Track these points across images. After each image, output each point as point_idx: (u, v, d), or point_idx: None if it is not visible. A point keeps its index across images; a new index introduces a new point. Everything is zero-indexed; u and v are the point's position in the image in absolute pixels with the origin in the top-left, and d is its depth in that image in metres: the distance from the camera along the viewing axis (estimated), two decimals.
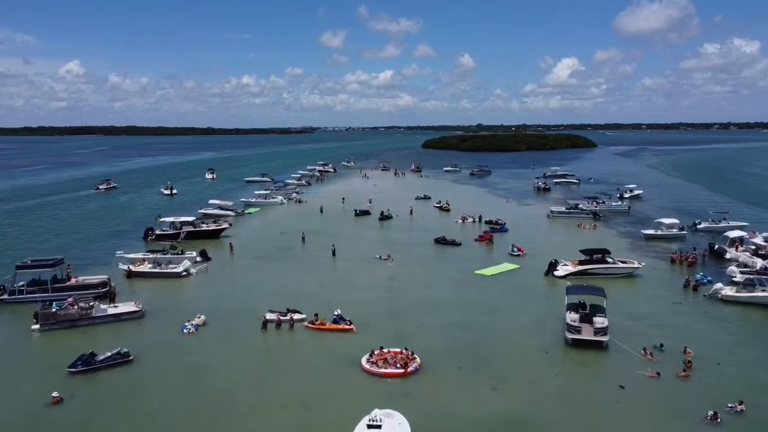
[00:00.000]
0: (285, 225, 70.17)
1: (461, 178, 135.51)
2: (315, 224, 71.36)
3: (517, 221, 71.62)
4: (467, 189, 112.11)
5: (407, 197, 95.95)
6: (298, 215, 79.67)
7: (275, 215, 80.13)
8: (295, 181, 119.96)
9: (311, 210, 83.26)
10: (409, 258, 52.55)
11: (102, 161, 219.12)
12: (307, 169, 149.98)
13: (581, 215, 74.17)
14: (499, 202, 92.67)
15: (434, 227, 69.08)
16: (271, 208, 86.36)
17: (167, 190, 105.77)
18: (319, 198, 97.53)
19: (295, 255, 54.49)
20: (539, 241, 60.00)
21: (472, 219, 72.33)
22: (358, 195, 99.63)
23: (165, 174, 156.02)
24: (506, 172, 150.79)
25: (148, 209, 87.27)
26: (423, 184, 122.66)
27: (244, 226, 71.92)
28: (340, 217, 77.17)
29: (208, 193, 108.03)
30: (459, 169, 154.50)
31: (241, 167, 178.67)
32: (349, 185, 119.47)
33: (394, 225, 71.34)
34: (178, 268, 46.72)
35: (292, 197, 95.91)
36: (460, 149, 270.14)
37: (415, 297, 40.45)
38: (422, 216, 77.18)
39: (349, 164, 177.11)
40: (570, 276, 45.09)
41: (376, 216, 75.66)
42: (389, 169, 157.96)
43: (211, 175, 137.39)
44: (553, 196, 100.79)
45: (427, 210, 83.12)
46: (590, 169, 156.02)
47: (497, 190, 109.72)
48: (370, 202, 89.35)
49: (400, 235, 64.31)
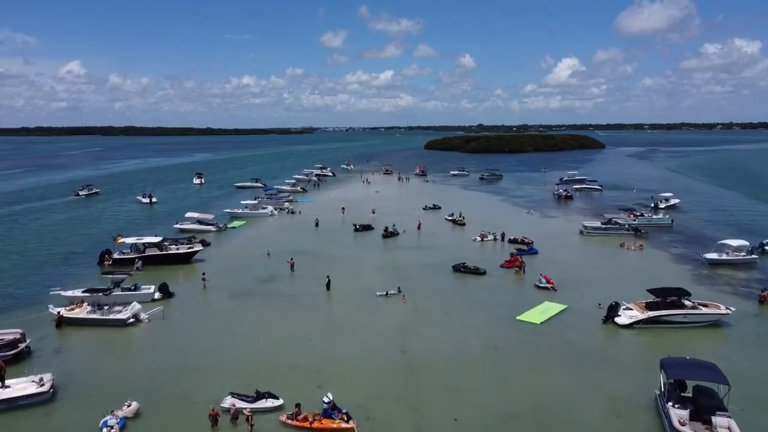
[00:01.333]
0: (273, 243, 59.39)
1: (471, 184, 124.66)
2: (308, 243, 60.56)
3: (544, 239, 60.77)
4: (479, 197, 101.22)
5: (414, 207, 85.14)
6: (289, 230, 68.86)
7: (263, 230, 69.29)
8: (288, 187, 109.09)
9: (305, 223, 72.44)
10: (423, 293, 41.74)
11: (90, 163, 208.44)
12: (303, 172, 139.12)
13: (621, 232, 63.26)
14: (518, 213, 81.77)
15: (448, 246, 58.32)
16: (260, 221, 75.50)
17: (145, 199, 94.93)
18: (315, 207, 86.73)
19: (281, 289, 43.60)
20: (578, 268, 49.12)
21: (493, 236, 61.44)
22: (358, 204, 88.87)
23: (153, 177, 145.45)
24: (518, 177, 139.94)
25: (119, 222, 76.50)
26: (429, 190, 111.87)
27: (225, 245, 61.08)
28: (337, 233, 66.35)
29: (192, 201, 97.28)
30: (467, 173, 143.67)
31: (234, 170, 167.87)
32: (348, 192, 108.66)
33: (400, 244, 60.49)
34: (125, 313, 35.90)
35: (284, 207, 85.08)
36: (465, 150, 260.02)
37: (440, 364, 29.44)
38: (433, 232, 66.33)
39: (349, 167, 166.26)
40: (638, 325, 34.31)
41: (379, 231, 64.90)
42: (392, 173, 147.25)
43: (199, 180, 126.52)
44: (576, 205, 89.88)
45: (437, 224, 72.30)
46: (606, 173, 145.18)
47: (513, 197, 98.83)
48: (373, 213, 78.72)
49: (410, 258, 53.49)
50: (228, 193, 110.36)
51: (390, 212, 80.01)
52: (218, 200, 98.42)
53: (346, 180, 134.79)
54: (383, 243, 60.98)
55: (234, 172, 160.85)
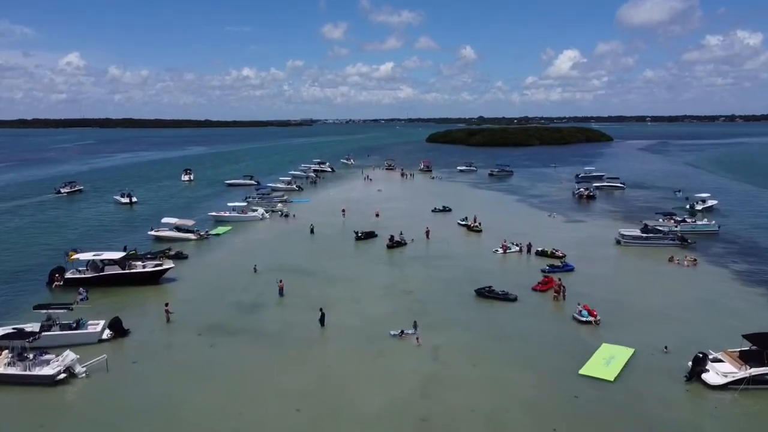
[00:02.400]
0: (262, 255, 50.84)
1: (480, 181, 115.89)
2: (301, 255, 51.93)
3: (574, 249, 52.18)
4: (492, 197, 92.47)
5: (421, 209, 76.53)
6: (281, 238, 60.20)
7: (251, 238, 60.60)
8: (283, 185, 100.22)
9: (299, 229, 63.79)
10: (442, 329, 33.20)
11: (80, 157, 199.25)
12: (300, 168, 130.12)
13: (665, 242, 54.56)
14: (539, 216, 73.10)
15: (465, 259, 49.78)
16: (248, 227, 66.81)
17: (124, 199, 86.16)
18: (312, 209, 78.13)
19: (264, 325, 34.94)
20: (626, 293, 40.46)
21: (518, 247, 52.75)
22: (360, 204, 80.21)
23: (140, 173, 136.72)
24: (528, 173, 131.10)
25: (89, 227, 67.84)
26: (436, 188, 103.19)
27: (205, 257, 52.43)
28: (336, 242, 57.68)
29: (176, 202, 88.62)
30: (475, 169, 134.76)
31: (227, 165, 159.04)
32: (348, 191, 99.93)
33: (409, 255, 51.87)
34: (54, 365, 27.30)
35: (276, 209, 76.36)
36: (469, 144, 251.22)
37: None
38: (446, 240, 57.66)
39: (349, 162, 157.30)
40: (737, 387, 25.74)
41: (383, 239, 56.30)
42: (394, 168, 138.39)
43: (188, 177, 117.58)
44: (601, 206, 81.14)
45: (449, 229, 63.67)
46: (622, 168, 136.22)
47: (529, 197, 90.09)
48: (377, 216, 70.28)
49: (421, 276, 44.91)
50: (217, 191, 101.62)
51: (394, 215, 71.43)
52: (206, 200, 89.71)
53: (345, 176, 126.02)
54: (389, 255, 52.37)
55: (227, 167, 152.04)
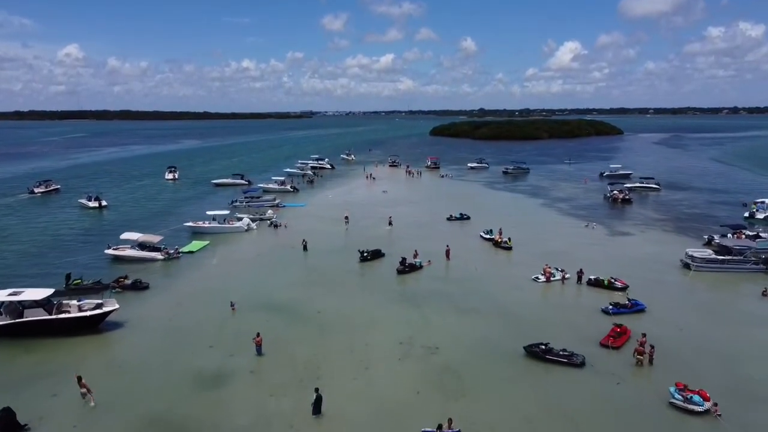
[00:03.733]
0: (240, 285, 40.20)
1: (494, 179, 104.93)
2: (292, 284, 41.15)
3: (631, 275, 41.49)
4: (513, 200, 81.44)
5: (433, 215, 65.75)
6: (268, 258, 49.34)
7: (231, 258, 49.72)
8: (276, 185, 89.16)
9: (291, 244, 52.98)
10: (487, 416, 22.51)
11: (65, 152, 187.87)
12: (296, 165, 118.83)
13: (747, 266, 43.68)
14: (573, 226, 62.21)
15: (500, 291, 39.03)
16: (230, 240, 55.98)
17: (92, 202, 75.26)
18: (308, 215, 67.37)
19: (229, 419, 24.22)
20: (737, 356, 29.68)
21: (561, 274, 41.93)
22: (364, 209, 69.38)
23: (123, 169, 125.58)
24: (544, 170, 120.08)
25: (37, 242, 56.87)
26: (447, 188, 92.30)
27: (168, 289, 41.50)
28: (334, 263, 46.85)
29: (153, 206, 77.66)
30: (487, 165, 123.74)
31: (219, 161, 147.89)
32: (350, 192, 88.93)
33: (427, 288, 40.97)
34: None
35: (266, 216, 65.49)
36: (474, 137, 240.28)
37: None
38: (470, 262, 46.85)
39: (350, 158, 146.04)
40: None
41: (392, 261, 45.60)
42: (399, 165, 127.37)
43: (172, 176, 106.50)
44: (641, 212, 70.23)
45: (471, 244, 52.89)
46: (645, 165, 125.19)
47: (555, 201, 79.09)
48: (390, 225, 59.89)
49: (448, 323, 34.10)
50: (203, 193, 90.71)
51: (403, 224, 60.67)
52: (188, 204, 78.82)
53: (346, 174, 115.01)
54: (401, 284, 41.61)
55: (218, 163, 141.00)
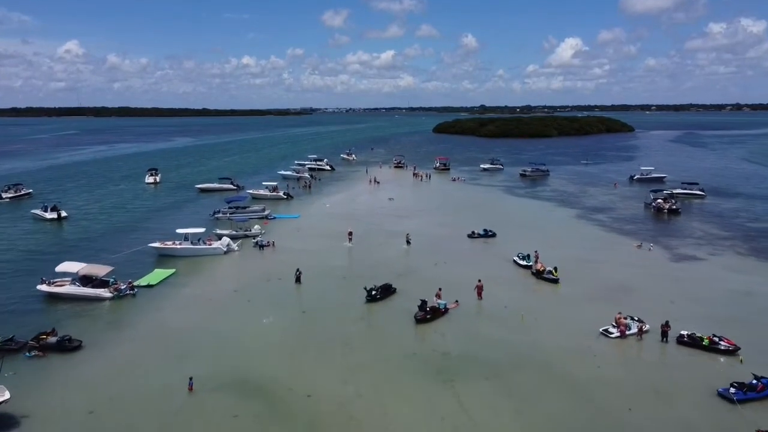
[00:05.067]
0: (203, 346, 29.52)
1: (512, 183, 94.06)
2: (274, 344, 30.29)
3: (730, 327, 30.79)
4: (541, 211, 70.27)
5: (450, 229, 54.94)
6: (247, 296, 38.22)
7: (199, 296, 38.64)
8: (267, 192, 78.21)
9: (279, 272, 42.12)
10: None
11: (46, 151, 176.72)
12: (292, 167, 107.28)
13: None
14: (621, 246, 51.15)
15: (561, 355, 28.14)
16: (203, 267, 45.04)
17: (49, 213, 64.30)
18: (303, 229, 56.60)
19: None
20: None
21: (638, 325, 30.90)
22: (369, 222, 58.53)
23: (104, 170, 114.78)
24: (564, 172, 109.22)
25: None
26: (462, 195, 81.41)
27: (106, 349, 30.49)
28: (333, 306, 35.92)
29: (122, 217, 66.63)
30: (501, 167, 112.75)
31: (209, 161, 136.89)
32: (351, 199, 77.86)
33: (455, 345, 29.98)
34: None
35: (252, 233, 54.50)
36: (480, 135, 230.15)
37: None
38: (509, 302, 35.98)
39: (350, 158, 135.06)
40: None
41: (405, 298, 34.85)
42: (404, 166, 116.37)
43: (152, 179, 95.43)
44: (698, 228, 59.23)
45: (505, 274, 41.99)
46: (672, 165, 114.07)
47: (590, 212, 67.99)
48: (408, 244, 49.58)
49: (501, 423, 23.34)
50: (184, 199, 79.79)
51: (416, 242, 49.82)
52: (164, 215, 67.97)
53: (346, 177, 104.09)
54: (422, 340, 30.73)
55: (209, 164, 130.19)
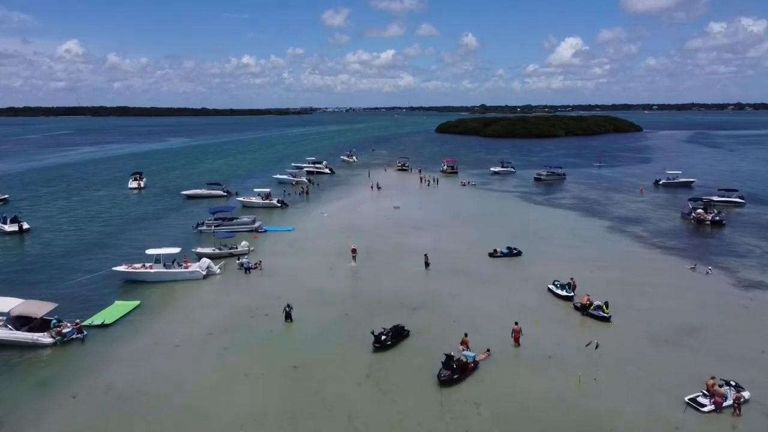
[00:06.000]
0: (163, 415, 21.83)
1: (527, 188, 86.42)
2: (253, 422, 22.58)
3: None
4: (566, 221, 62.34)
5: (469, 246, 47.25)
6: (223, 342, 30.34)
7: (165, 339, 30.78)
8: (259, 199, 70.54)
9: (267, 306, 34.50)
10: None
11: (34, 152, 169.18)
12: (288, 171, 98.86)
13: None
14: (674, 269, 43.47)
15: None
16: (175, 297, 37.32)
17: (9, 225, 56.27)
18: (297, 245, 48.94)
19: None
20: None
21: (734, 393, 23.26)
22: (372, 236, 50.78)
23: (87, 173, 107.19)
24: (581, 175, 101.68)
25: None
26: (474, 203, 73.76)
27: (22, 425, 22.87)
28: (333, 357, 28.27)
29: (94, 230, 58.90)
30: (513, 170, 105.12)
31: (202, 163, 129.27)
32: (352, 208, 69.99)
33: (492, 422, 22.51)
34: None
35: (238, 251, 46.86)
36: (484, 135, 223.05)
37: None
38: (554, 351, 28.33)
39: (351, 160, 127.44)
40: None
41: (421, 345, 27.30)
42: (408, 169, 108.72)
43: (136, 184, 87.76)
44: (751, 243, 51.52)
45: (540, 307, 34.33)
46: (695, 168, 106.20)
47: (621, 223, 60.19)
48: (427, 265, 41.83)
49: None
50: (168, 208, 72.11)
51: (431, 260, 42.11)
52: (142, 227, 60.32)
53: (347, 181, 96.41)
54: (449, 415, 23.05)
55: (202, 166, 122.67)
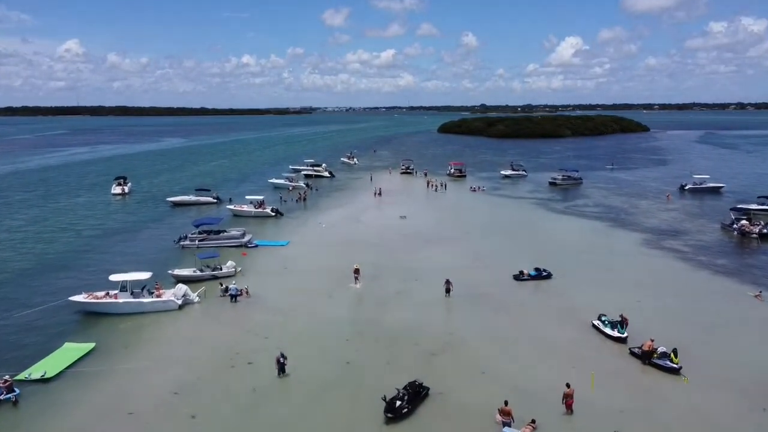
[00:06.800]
0: None
1: (543, 194, 79.93)
2: None
3: None
4: (594, 234, 55.44)
5: (488, 266, 40.47)
6: (192, 403, 23.53)
7: (117, 401, 23.93)
8: (252, 208, 63.84)
9: (251, 350, 27.96)
10: None
11: (21, 152, 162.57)
12: (285, 175, 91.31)
13: None
14: (734, 297, 36.85)
15: None
16: (138, 337, 30.55)
17: None
18: (290, 265, 42.32)
19: None
20: None
21: None
22: (377, 252, 44.14)
23: (71, 177, 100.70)
24: (594, 178, 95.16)
25: None
26: (488, 211, 67.10)
27: None
28: (333, 425, 21.88)
29: (59, 248, 52.32)
30: (525, 173, 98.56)
31: (194, 166, 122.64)
32: (354, 218, 63.15)
33: None
34: None
35: (223, 272, 40.24)
36: (488, 135, 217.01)
37: None
38: (615, 421, 21.75)
39: (352, 162, 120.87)
40: None
41: (446, 407, 20.76)
42: (413, 172, 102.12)
43: (120, 189, 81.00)
44: None
45: (589, 353, 27.70)
46: (719, 172, 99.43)
47: (659, 236, 53.52)
48: (448, 292, 35.92)
49: None
50: (152, 217, 65.45)
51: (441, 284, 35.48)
52: (118, 241, 53.70)
53: (347, 185, 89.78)
54: None
55: (194, 168, 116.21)
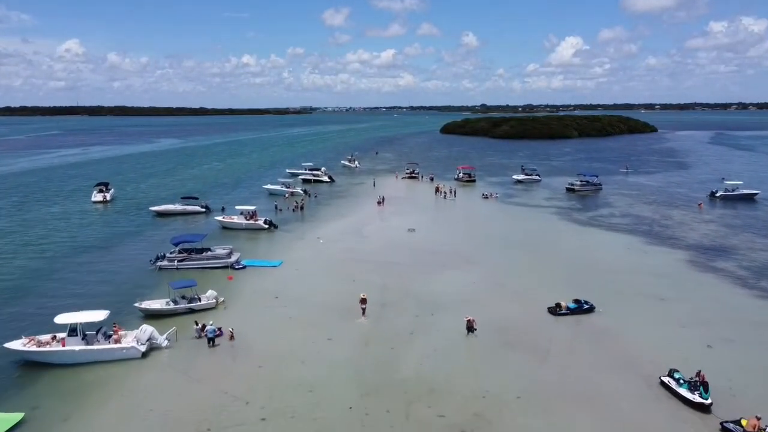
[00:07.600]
0: None
1: (561, 201, 73.45)
2: None
3: None
4: (629, 252, 48.73)
5: (516, 294, 33.90)
6: None
7: None
8: (243, 219, 57.29)
9: (233, 420, 21.50)
10: None
11: (8, 155, 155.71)
12: (280, 180, 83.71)
13: None
14: None
15: None
16: (84, 401, 23.85)
17: None
18: (282, 292, 35.77)
19: None
20: None
21: None
22: (384, 274, 37.61)
23: (54, 181, 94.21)
24: (612, 184, 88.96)
25: None
26: (505, 224, 60.58)
27: None
28: None
29: (23, 265, 45.82)
30: (539, 177, 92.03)
31: (185, 169, 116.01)
32: (356, 231, 56.40)
33: None
34: None
35: (202, 303, 33.76)
36: (494, 136, 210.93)
37: None
38: None
39: (353, 164, 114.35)
40: None
41: None
42: (418, 177, 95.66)
43: (102, 196, 74.45)
44: None
45: (664, 426, 21.34)
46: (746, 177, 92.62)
47: (707, 256, 46.95)
48: (471, 330, 28.77)
49: None
50: (130, 230, 58.73)
51: (463, 328, 28.97)
52: (87, 260, 47.16)
53: (348, 192, 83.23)
54: None
55: (186, 172, 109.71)
